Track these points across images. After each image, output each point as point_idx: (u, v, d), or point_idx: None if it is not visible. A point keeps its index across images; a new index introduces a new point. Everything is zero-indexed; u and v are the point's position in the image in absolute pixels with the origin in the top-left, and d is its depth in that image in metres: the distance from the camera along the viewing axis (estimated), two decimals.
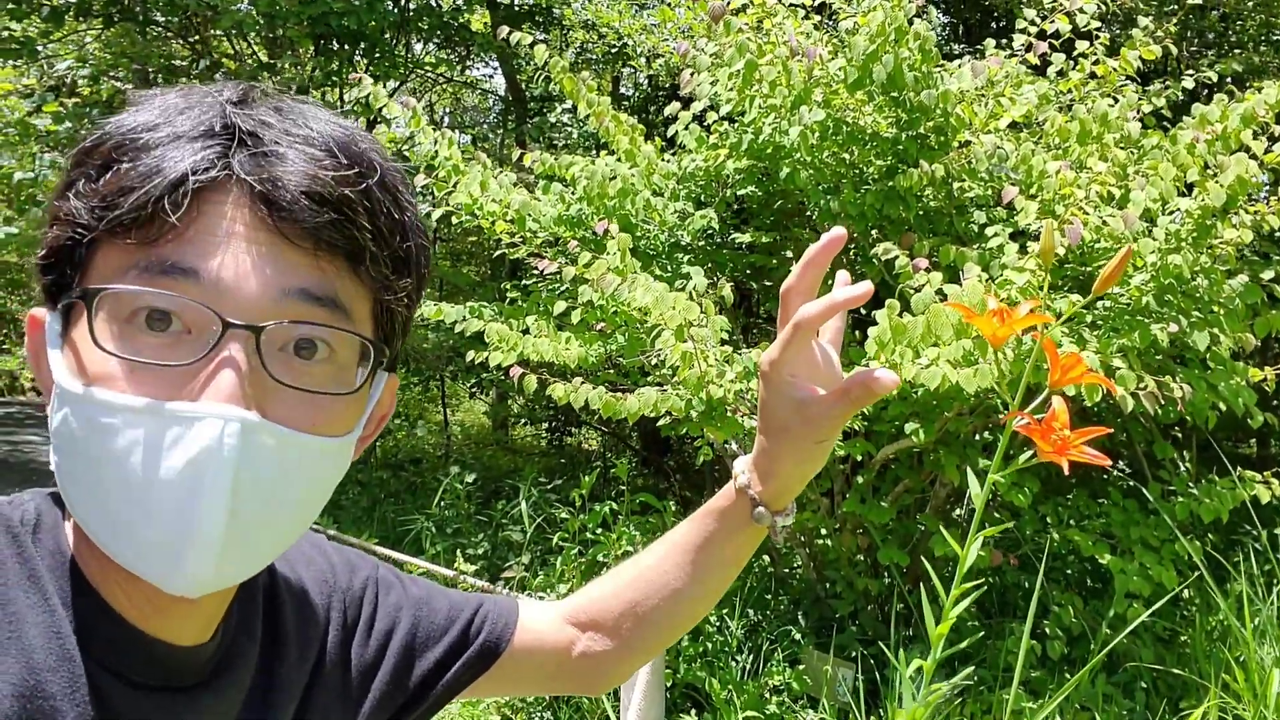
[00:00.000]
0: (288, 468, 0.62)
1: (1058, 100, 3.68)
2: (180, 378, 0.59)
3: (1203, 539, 3.90)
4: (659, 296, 2.97)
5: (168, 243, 0.59)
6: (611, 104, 4.25)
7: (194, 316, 0.60)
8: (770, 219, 4.28)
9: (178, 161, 0.60)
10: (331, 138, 0.65)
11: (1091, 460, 0.97)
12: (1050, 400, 1.06)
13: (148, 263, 0.59)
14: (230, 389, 0.59)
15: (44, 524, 0.66)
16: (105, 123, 0.63)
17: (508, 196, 3.93)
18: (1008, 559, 3.79)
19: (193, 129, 0.62)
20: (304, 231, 0.62)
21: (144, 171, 0.59)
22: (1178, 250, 2.99)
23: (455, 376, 9.17)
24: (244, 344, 0.60)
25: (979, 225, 3.56)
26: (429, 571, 4.55)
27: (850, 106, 3.56)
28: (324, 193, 0.62)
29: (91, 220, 0.60)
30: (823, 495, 4.02)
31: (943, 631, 1.08)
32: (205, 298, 0.60)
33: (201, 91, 0.65)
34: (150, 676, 0.67)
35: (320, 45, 7.07)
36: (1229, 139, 3.09)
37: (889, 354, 2.77)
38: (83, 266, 0.62)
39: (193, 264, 0.59)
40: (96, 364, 0.60)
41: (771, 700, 3.51)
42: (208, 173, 0.60)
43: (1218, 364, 3.21)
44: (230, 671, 0.73)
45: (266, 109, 0.65)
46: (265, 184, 0.61)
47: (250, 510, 0.60)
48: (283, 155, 0.62)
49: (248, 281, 0.60)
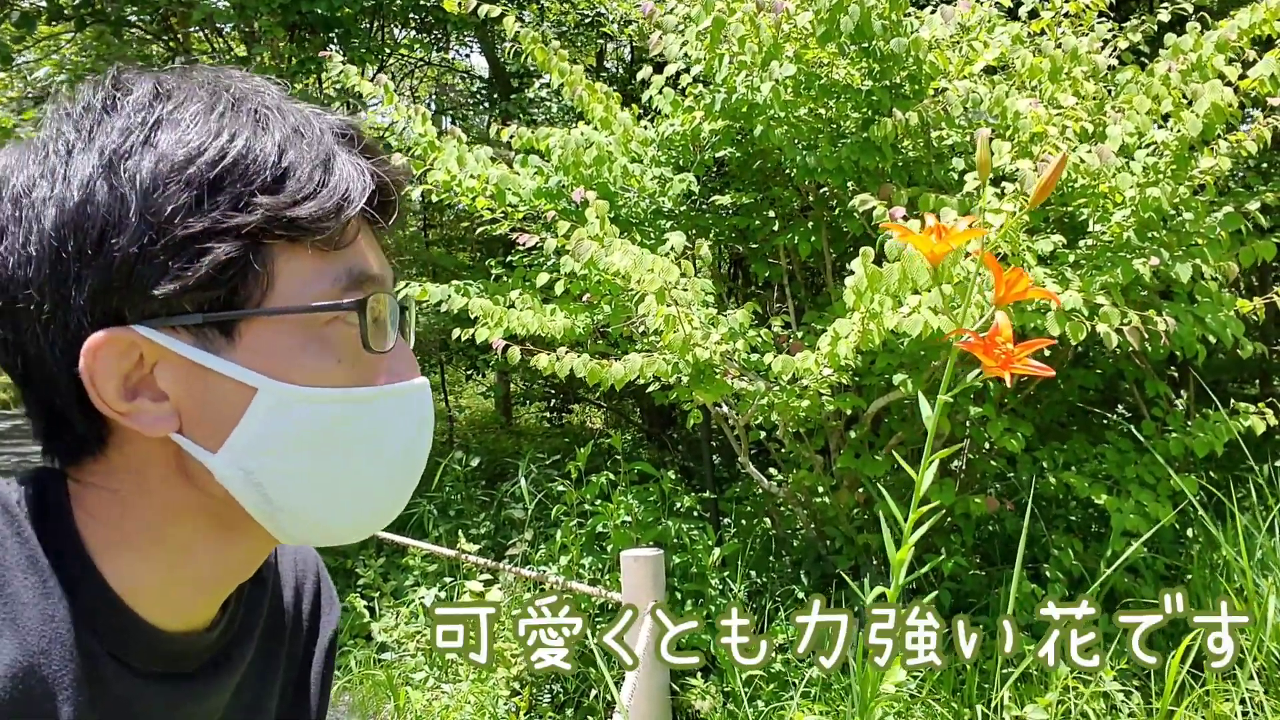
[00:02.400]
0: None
1: (1031, 41, 3.64)
2: (379, 358, 0.69)
3: (1201, 474, 3.88)
4: (636, 260, 2.95)
5: (352, 247, 0.67)
6: (595, 79, 4.23)
7: (383, 306, 0.69)
8: (751, 180, 4.26)
9: (351, 175, 0.67)
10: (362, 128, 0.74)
11: (1034, 372, 0.97)
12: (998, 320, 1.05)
13: (350, 270, 0.67)
14: (414, 359, 0.73)
15: (47, 505, 0.66)
16: (235, 141, 0.64)
17: (485, 171, 3.91)
18: (1004, 504, 3.78)
19: (325, 133, 0.68)
20: (387, 221, 0.72)
21: (334, 185, 0.65)
22: (1156, 183, 2.97)
23: (451, 359, 9.17)
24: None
25: (958, 172, 3.54)
26: (432, 554, 4.57)
27: (822, 60, 3.53)
28: (404, 186, 0.73)
29: (280, 232, 0.64)
30: (818, 453, 4.02)
31: (902, 557, 1.08)
32: (388, 290, 0.71)
33: (244, 82, 0.69)
34: (151, 662, 0.67)
35: (294, 34, 7.03)
36: (1204, 68, 3.06)
37: (867, 303, 2.76)
38: (258, 278, 0.64)
39: (373, 267, 0.69)
40: (359, 362, 0.67)
41: (776, 659, 3.52)
42: (369, 184, 0.68)
43: (1204, 297, 3.19)
44: (232, 659, 0.75)
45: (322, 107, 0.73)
46: (384, 188, 0.70)
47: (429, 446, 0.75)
48: (387, 159, 0.71)
49: (388, 273, 0.71)
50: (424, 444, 0.73)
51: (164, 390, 0.63)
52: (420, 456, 0.74)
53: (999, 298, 1.00)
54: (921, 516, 1.05)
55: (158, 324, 0.62)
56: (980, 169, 0.99)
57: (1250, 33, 3.08)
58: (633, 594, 3.21)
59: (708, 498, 4.74)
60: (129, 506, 0.66)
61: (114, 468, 0.66)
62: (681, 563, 3.97)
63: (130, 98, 0.65)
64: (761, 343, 3.58)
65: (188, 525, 0.67)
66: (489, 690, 3.79)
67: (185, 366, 0.63)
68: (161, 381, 0.63)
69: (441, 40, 9.40)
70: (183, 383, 0.63)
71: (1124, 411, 4.67)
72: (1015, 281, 1.01)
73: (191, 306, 0.62)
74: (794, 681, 3.36)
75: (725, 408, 3.76)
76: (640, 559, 3.22)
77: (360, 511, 0.71)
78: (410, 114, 4.02)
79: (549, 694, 3.87)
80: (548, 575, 3.99)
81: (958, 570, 3.72)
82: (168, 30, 7.83)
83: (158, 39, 8.06)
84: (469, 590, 4.30)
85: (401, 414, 0.70)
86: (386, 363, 0.69)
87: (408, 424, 0.71)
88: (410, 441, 0.72)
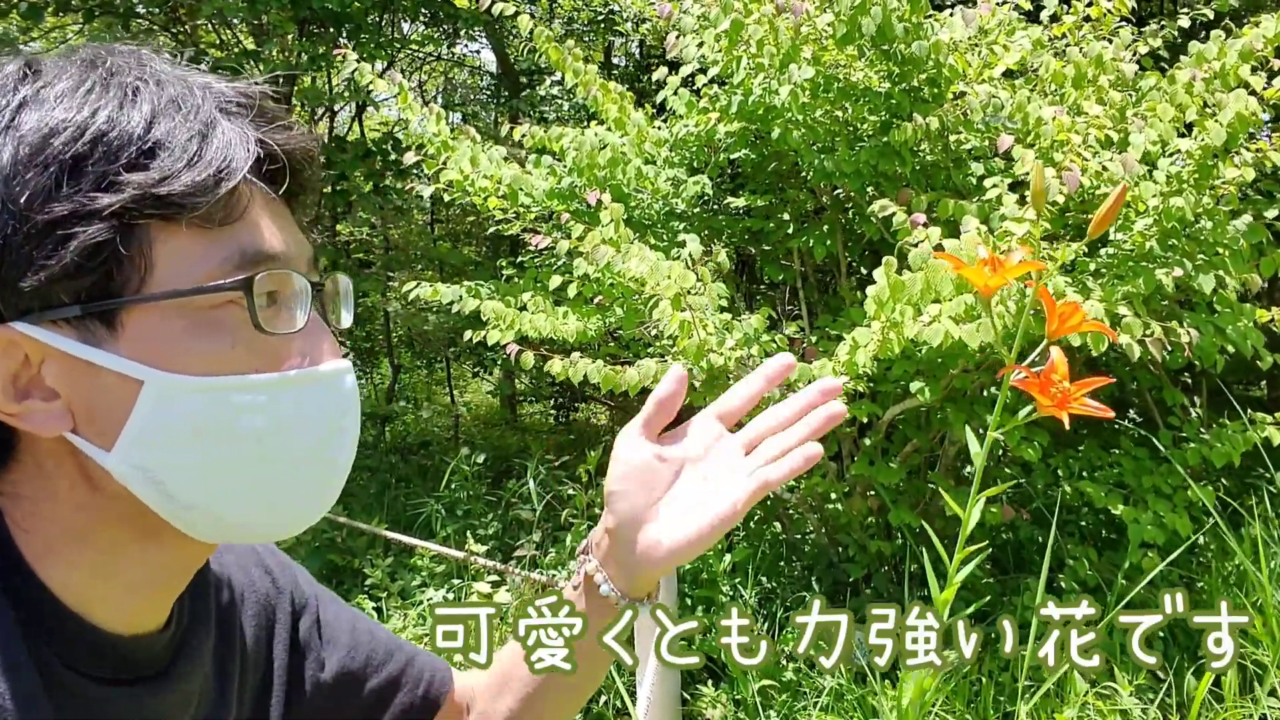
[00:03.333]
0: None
1: (1052, 45, 3.60)
2: (286, 342, 0.64)
3: (1216, 484, 3.85)
4: (653, 266, 2.92)
5: (240, 223, 0.62)
6: (603, 74, 4.19)
7: (283, 286, 0.64)
8: (765, 182, 4.22)
9: (240, 144, 0.62)
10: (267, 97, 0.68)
11: (1093, 413, 0.93)
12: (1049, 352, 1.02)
13: (242, 248, 0.62)
14: (334, 343, 0.68)
15: None
16: (98, 110, 0.60)
17: (498, 171, 3.88)
18: (1020, 514, 3.75)
19: (207, 106, 0.62)
20: (300, 195, 0.68)
21: (209, 158, 0.60)
22: (1179, 192, 2.93)
23: (458, 357, 9.15)
24: (313, 303, 0.67)
25: (977, 177, 3.50)
26: (440, 555, 4.55)
27: (840, 62, 3.50)
28: (314, 157, 0.68)
29: (152, 210, 0.59)
30: (831, 459, 3.99)
31: (947, 598, 1.05)
32: (292, 267, 0.65)
33: (125, 55, 0.64)
34: (104, 669, 0.65)
35: (304, 29, 6.99)
36: (1228, 76, 3.02)
37: (889, 312, 2.73)
38: (135, 262, 0.59)
39: (270, 242, 0.63)
40: (260, 347, 0.63)
41: (788, 667, 3.49)
42: (253, 152, 0.63)
43: (1224, 306, 3.16)
44: (187, 662, 0.72)
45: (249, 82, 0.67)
46: (280, 157, 0.65)
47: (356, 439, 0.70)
48: (288, 126, 0.66)
49: (297, 248, 0.66)
50: (345, 434, 0.68)
51: (53, 388, 0.60)
52: (342, 446, 0.68)
53: (1052, 331, 0.97)
54: (967, 556, 1.02)
55: (36, 319, 0.59)
56: (1035, 199, 0.96)
57: (1275, 41, 3.04)
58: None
59: None
60: (47, 513, 0.63)
61: (28, 475, 0.63)
62: (692, 568, 3.94)
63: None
64: (776, 348, 3.54)
65: (107, 528, 0.63)
66: None
67: (70, 362, 0.60)
68: (50, 379, 0.60)
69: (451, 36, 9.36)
70: (71, 379, 0.60)
71: (1135, 416, 4.63)
72: (1069, 315, 0.98)
73: (68, 298, 0.59)
74: (807, 691, 3.33)
75: None
76: None
77: (278, 507, 0.67)
78: (425, 114, 3.99)
79: None
80: (557, 580, 3.97)
81: (971, 579, 3.69)
82: (176, 22, 7.80)
83: (166, 31, 8.02)
84: (477, 592, 4.28)
85: (313, 401, 0.65)
86: (297, 346, 0.65)
87: (321, 411, 0.66)
88: (327, 430, 0.67)
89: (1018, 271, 0.95)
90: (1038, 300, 0.98)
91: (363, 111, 9.04)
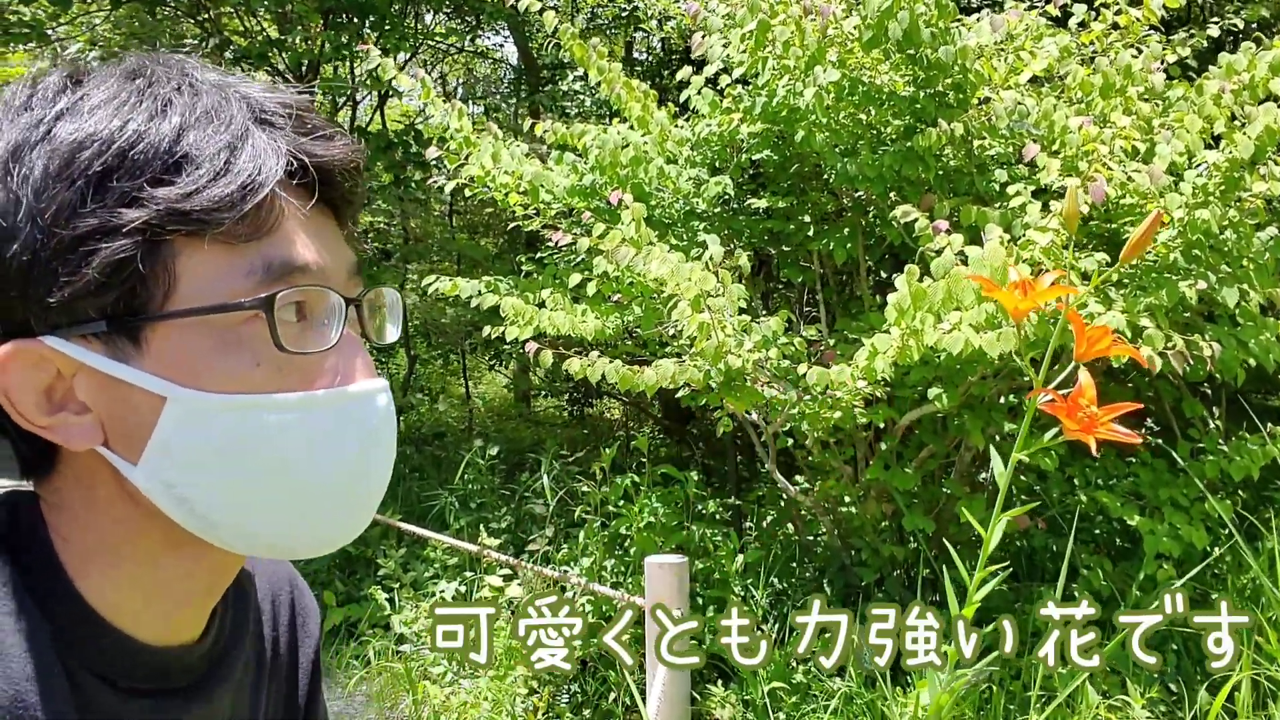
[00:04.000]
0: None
1: (1079, 53, 3.58)
2: (317, 360, 0.63)
3: (1234, 497, 3.83)
4: (674, 268, 2.92)
5: (270, 236, 0.61)
6: (624, 70, 4.18)
7: (315, 302, 0.63)
8: (787, 183, 4.21)
9: (263, 156, 0.60)
10: (310, 107, 0.66)
11: (1120, 438, 0.93)
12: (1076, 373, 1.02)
13: (267, 262, 0.60)
14: (369, 361, 0.66)
15: (20, 526, 0.64)
16: (126, 125, 0.59)
17: (520, 168, 3.88)
18: (1035, 522, 3.74)
19: (241, 117, 0.61)
20: (344, 207, 0.67)
21: (236, 171, 0.59)
22: (1205, 205, 2.91)
23: (474, 350, 9.17)
24: (349, 319, 0.65)
25: (1000, 184, 3.48)
26: (453, 547, 4.57)
27: (866, 65, 3.48)
28: (358, 168, 0.66)
29: (176, 226, 0.58)
30: (846, 463, 3.99)
31: (967, 614, 1.05)
32: (326, 283, 0.63)
33: (167, 65, 0.63)
34: (137, 680, 0.65)
35: (329, 19, 7.01)
36: (1257, 88, 3.00)
37: (909, 320, 2.72)
38: (158, 278, 0.59)
39: (302, 255, 0.62)
40: (287, 365, 0.62)
41: (798, 669, 3.49)
42: (285, 164, 0.61)
43: (1247, 320, 3.14)
44: (223, 672, 0.72)
45: (263, 85, 0.66)
46: (321, 167, 0.63)
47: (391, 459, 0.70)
48: (329, 136, 0.64)
49: (335, 262, 0.64)
50: (377, 455, 0.67)
51: (84, 402, 0.61)
52: (373, 469, 0.67)
53: (1080, 354, 0.96)
54: (987, 576, 1.02)
55: (65, 334, 0.59)
56: (1068, 221, 0.96)
57: None
58: (656, 600, 3.19)
59: (731, 502, 4.71)
60: (86, 524, 0.64)
61: (67, 485, 0.64)
62: (705, 568, 3.95)
63: (38, 89, 0.61)
64: (794, 351, 3.54)
65: (144, 540, 0.64)
66: (507, 688, 3.78)
67: (100, 377, 0.60)
68: (81, 393, 0.61)
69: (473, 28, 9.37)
70: (102, 394, 0.61)
71: (1153, 425, 4.61)
72: (1099, 339, 0.97)
73: (95, 313, 0.59)
74: (817, 694, 3.34)
75: (754, 414, 3.72)
76: (665, 565, 3.20)
77: (308, 526, 0.66)
78: (448, 109, 3.99)
79: (567, 694, 3.86)
80: (569, 576, 3.98)
81: (982, 585, 3.68)
82: (201, 9, 7.83)
83: (190, 18, 8.05)
84: (489, 585, 4.30)
85: (343, 421, 0.64)
86: (330, 363, 0.64)
87: (351, 432, 0.64)
88: (356, 452, 0.65)
89: (1049, 295, 0.95)
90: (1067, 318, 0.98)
91: (385, 102, 9.06)
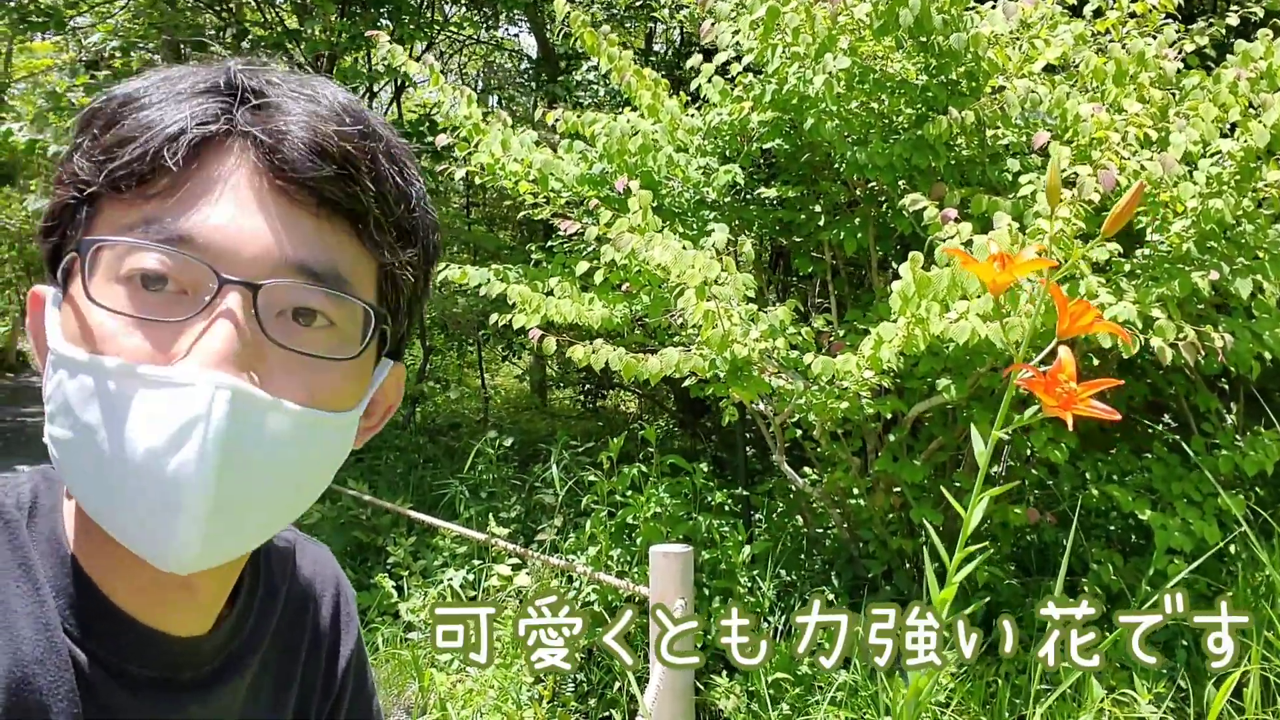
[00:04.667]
0: (281, 441, 0.59)
1: (1094, 41, 3.54)
2: (172, 336, 0.57)
3: (1249, 493, 3.78)
4: (677, 255, 2.90)
5: (168, 198, 0.58)
6: (642, 61, 4.17)
7: (191, 276, 0.58)
8: (798, 173, 4.18)
9: (178, 113, 0.59)
10: (338, 100, 0.63)
11: (1099, 415, 0.91)
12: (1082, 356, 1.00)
13: (146, 220, 0.58)
14: (225, 347, 0.56)
15: (40, 508, 0.64)
16: (113, 87, 0.63)
17: (529, 156, 3.87)
18: (1045, 516, 3.70)
19: (194, 85, 0.61)
20: (306, 187, 0.60)
21: (144, 123, 0.59)
22: (1219, 194, 2.87)
23: (488, 340, 9.18)
24: (241, 302, 0.58)
25: (1012, 174, 3.45)
26: (462, 536, 4.57)
27: (877, 53, 3.45)
28: (327, 147, 0.60)
29: (92, 176, 0.59)
30: (854, 455, 3.96)
31: (946, 597, 1.03)
32: (204, 255, 0.57)
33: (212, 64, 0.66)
34: (147, 669, 0.64)
35: (345, 9, 7.02)
36: (1274, 76, 2.95)
37: (914, 308, 2.69)
38: (84, 227, 0.60)
39: (192, 222, 0.58)
40: (92, 323, 0.58)
41: (804, 661, 3.47)
42: (207, 126, 0.59)
43: (1262, 312, 3.09)
44: (237, 667, 0.71)
45: (274, 74, 0.64)
46: (268, 135, 0.59)
47: (239, 484, 0.57)
48: (286, 109, 0.61)
49: (250, 242, 0.58)
50: (186, 460, 0.55)
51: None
52: (179, 476, 0.55)
53: (1062, 330, 0.94)
54: (968, 555, 1.00)
55: (50, 281, 0.64)
56: (1050, 194, 0.94)
57: None
58: (661, 590, 3.18)
59: (740, 493, 4.69)
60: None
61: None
62: (711, 559, 3.94)
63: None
64: (802, 341, 3.52)
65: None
66: (513, 676, 3.79)
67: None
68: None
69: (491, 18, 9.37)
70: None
71: (1170, 420, 4.56)
72: (1080, 314, 0.95)
73: (45, 262, 0.64)
74: (821, 685, 3.32)
75: (762, 404, 3.70)
76: (669, 555, 3.18)
77: (114, 520, 0.58)
78: (457, 95, 3.99)
79: (572, 683, 3.86)
80: (575, 565, 3.97)
81: (993, 579, 3.65)
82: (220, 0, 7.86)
83: (210, 9, 8.09)
84: (497, 574, 4.30)
85: (142, 405, 0.55)
86: (161, 339, 0.57)
87: (151, 422, 0.55)
88: (155, 448, 0.55)
89: (1028, 268, 0.93)
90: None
91: (401, 92, 9.08)
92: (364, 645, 0.89)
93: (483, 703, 3.77)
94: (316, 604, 0.83)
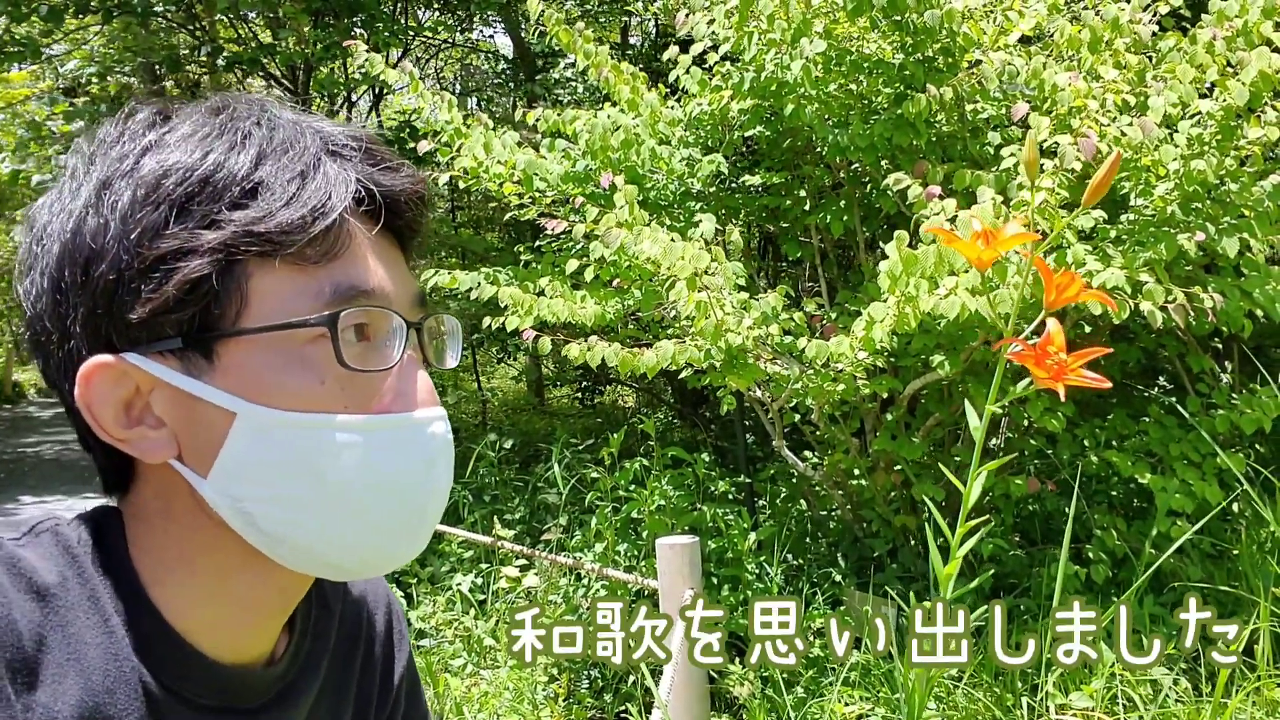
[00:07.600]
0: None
1: (1068, 9, 3.54)
2: (377, 382, 0.65)
3: (1248, 451, 3.79)
4: (666, 247, 2.91)
5: (335, 260, 0.63)
6: (619, 55, 4.17)
7: (375, 324, 0.65)
8: (781, 159, 4.19)
9: (333, 184, 0.64)
10: (375, 135, 0.70)
11: (1090, 384, 0.92)
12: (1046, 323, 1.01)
13: (335, 284, 0.63)
14: (428, 382, 0.68)
15: (105, 543, 0.66)
16: (199, 160, 0.63)
17: (513, 157, 3.87)
18: (1045, 485, 3.72)
19: (314, 148, 0.65)
20: (409, 237, 0.71)
21: (305, 198, 0.62)
22: (1200, 155, 2.88)
23: (482, 344, 9.19)
24: (416, 340, 0.68)
25: (994, 147, 3.46)
26: (469, 540, 4.58)
27: (852, 35, 3.46)
28: (422, 198, 0.70)
29: (249, 247, 0.61)
30: (854, 436, 3.97)
31: (950, 572, 1.04)
32: (391, 306, 0.66)
33: (248, 103, 0.68)
34: (212, 697, 0.67)
35: (318, 20, 7.01)
36: (1250, 34, 2.96)
37: (903, 286, 2.70)
38: (232, 297, 0.62)
39: (370, 278, 0.65)
40: (351, 385, 0.64)
41: (814, 644, 3.49)
42: (354, 192, 0.65)
43: (1251, 270, 3.11)
44: (299, 689, 0.74)
45: (361, 131, 0.70)
46: (388, 196, 0.67)
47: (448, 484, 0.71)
48: (395, 168, 0.68)
49: (399, 289, 0.67)
50: (434, 480, 0.68)
51: (160, 417, 0.63)
52: (429, 493, 0.68)
53: (1049, 302, 0.95)
54: (969, 530, 1.01)
55: (144, 350, 0.62)
56: (1028, 168, 0.94)
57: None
58: (669, 581, 3.19)
59: (742, 481, 4.70)
60: (164, 537, 0.66)
61: (146, 499, 0.66)
62: (717, 547, 3.95)
63: (129, 125, 0.66)
64: (795, 325, 3.53)
65: (218, 554, 0.66)
66: (527, 677, 3.80)
67: (175, 393, 0.63)
68: (157, 407, 0.63)
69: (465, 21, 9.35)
70: (175, 408, 0.63)
71: (1165, 384, 4.57)
72: (1066, 285, 0.96)
73: (173, 330, 0.62)
74: (834, 667, 3.33)
75: (759, 391, 3.71)
76: (676, 546, 3.19)
77: (364, 549, 0.67)
78: (436, 101, 3.99)
79: (587, 680, 3.87)
80: (583, 562, 3.98)
81: (998, 551, 3.67)
82: (193, 20, 7.84)
83: (184, 29, 8.07)
84: (505, 575, 4.31)
85: (400, 446, 0.66)
86: (390, 385, 0.66)
87: (408, 458, 0.66)
88: (413, 477, 0.67)
89: (1011, 243, 0.94)
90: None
91: (380, 100, 9.07)
92: (414, 662, 0.91)
93: (498, 705, 3.79)
94: (370, 621, 0.85)
